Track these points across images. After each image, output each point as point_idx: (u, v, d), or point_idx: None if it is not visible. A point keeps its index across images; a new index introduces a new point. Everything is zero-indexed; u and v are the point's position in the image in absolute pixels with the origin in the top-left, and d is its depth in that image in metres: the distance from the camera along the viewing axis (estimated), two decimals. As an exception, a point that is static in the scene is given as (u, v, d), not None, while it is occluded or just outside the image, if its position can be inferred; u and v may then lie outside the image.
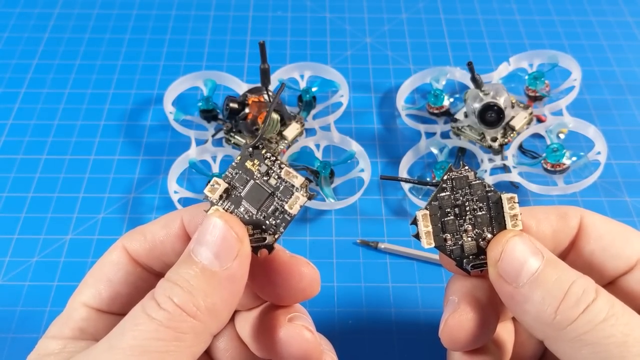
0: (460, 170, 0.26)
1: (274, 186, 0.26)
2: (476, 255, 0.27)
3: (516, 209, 0.26)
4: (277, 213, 0.26)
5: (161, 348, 0.22)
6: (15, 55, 0.55)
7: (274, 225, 0.26)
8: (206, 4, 0.61)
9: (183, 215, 0.27)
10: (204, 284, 0.23)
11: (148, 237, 0.27)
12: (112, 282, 0.26)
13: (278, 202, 0.26)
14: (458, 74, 0.51)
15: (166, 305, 0.22)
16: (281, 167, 0.26)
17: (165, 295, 0.22)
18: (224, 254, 0.24)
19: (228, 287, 0.24)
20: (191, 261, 0.23)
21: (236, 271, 0.24)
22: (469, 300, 0.26)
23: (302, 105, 0.48)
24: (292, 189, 0.26)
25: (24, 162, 0.47)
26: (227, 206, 0.26)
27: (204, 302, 0.23)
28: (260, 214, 0.26)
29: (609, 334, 0.22)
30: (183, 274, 0.23)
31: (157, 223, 0.27)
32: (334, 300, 0.39)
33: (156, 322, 0.22)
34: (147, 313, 0.22)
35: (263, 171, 0.26)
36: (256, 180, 0.26)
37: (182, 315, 0.22)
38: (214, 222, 0.24)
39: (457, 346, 0.27)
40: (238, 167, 0.26)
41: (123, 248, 0.27)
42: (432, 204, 0.26)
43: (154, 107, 0.51)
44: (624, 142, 0.49)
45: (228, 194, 0.26)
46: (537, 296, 0.23)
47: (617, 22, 0.60)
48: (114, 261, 0.27)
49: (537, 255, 0.24)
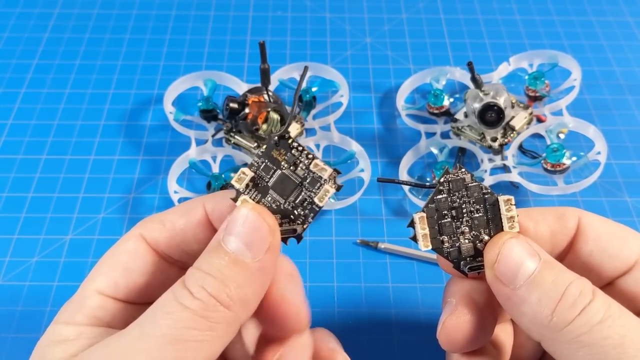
0: (457, 172, 0.26)
1: (301, 176, 0.26)
2: (473, 257, 0.27)
3: (513, 211, 0.26)
4: (305, 203, 0.26)
5: (195, 337, 0.22)
6: (15, 55, 0.55)
7: (303, 215, 0.26)
8: (206, 4, 0.61)
9: (205, 203, 0.27)
10: (237, 274, 0.23)
11: (167, 225, 0.27)
12: (129, 271, 0.26)
13: (306, 192, 0.26)
14: (458, 74, 0.51)
15: (200, 295, 0.22)
16: (309, 158, 0.26)
17: (198, 285, 0.22)
18: (257, 245, 0.24)
19: (259, 278, 0.24)
20: (222, 251, 0.23)
21: (267, 262, 0.24)
22: (467, 302, 0.26)
23: (302, 105, 0.48)
24: (321, 180, 0.26)
25: (24, 162, 0.47)
26: (254, 195, 0.26)
27: (236, 293, 0.23)
28: (287, 204, 0.26)
29: (605, 336, 0.22)
30: (215, 264, 0.23)
31: (176, 211, 0.27)
32: (334, 300, 0.39)
33: (190, 311, 0.22)
34: (180, 302, 0.22)
35: (290, 161, 0.26)
36: (283, 170, 0.26)
37: (216, 305, 0.22)
38: (245, 213, 0.24)
39: (455, 348, 0.27)
40: (264, 157, 0.26)
41: (140, 236, 0.26)
42: (429, 206, 0.26)
43: (154, 107, 0.51)
44: (624, 142, 0.49)
45: (254, 183, 0.26)
46: (534, 298, 0.23)
47: (617, 22, 0.60)
48: (131, 250, 0.26)
49: (534, 257, 0.24)
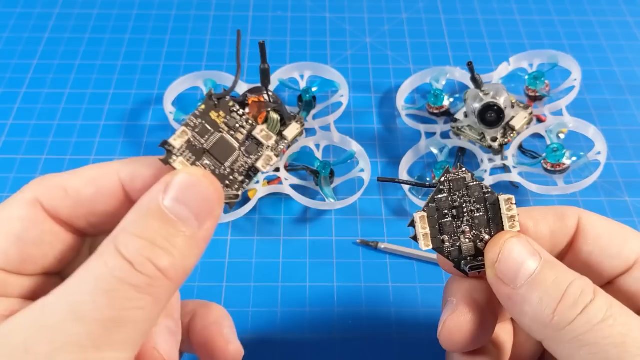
0: (458, 172, 0.26)
1: (240, 141, 0.24)
2: (474, 256, 0.27)
3: (513, 210, 0.26)
4: (242, 169, 0.24)
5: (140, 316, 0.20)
6: (15, 55, 0.55)
7: (240, 181, 0.24)
8: (206, 4, 0.61)
9: (120, 171, 0.24)
10: (183, 243, 0.21)
11: (70, 193, 0.23)
12: (22, 241, 0.23)
13: (245, 158, 0.24)
14: (458, 74, 0.51)
15: (144, 268, 0.20)
16: (249, 123, 0.24)
17: (142, 255, 0.20)
18: (204, 213, 0.22)
19: (202, 247, 0.22)
20: (165, 218, 0.21)
21: (211, 232, 0.23)
22: (467, 301, 0.26)
23: (302, 105, 0.48)
24: (261, 147, 0.24)
25: (24, 162, 0.47)
26: (189, 157, 0.24)
27: (181, 263, 0.21)
28: (223, 169, 0.24)
29: (607, 335, 0.22)
30: (159, 231, 0.21)
31: (81, 176, 0.24)
32: (334, 300, 0.39)
33: (134, 288, 0.20)
34: (118, 276, 0.20)
35: (230, 124, 0.24)
36: (222, 133, 0.24)
37: (162, 279, 0.21)
38: (192, 178, 0.22)
39: (455, 347, 0.27)
40: (202, 117, 0.24)
41: (36, 201, 0.23)
42: (429, 205, 0.26)
43: (154, 107, 0.51)
44: (624, 142, 0.49)
45: (189, 145, 0.24)
46: (535, 297, 0.23)
47: (617, 22, 0.60)
48: (24, 217, 0.23)
49: (535, 256, 0.24)
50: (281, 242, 0.42)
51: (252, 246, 0.42)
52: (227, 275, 0.40)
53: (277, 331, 0.37)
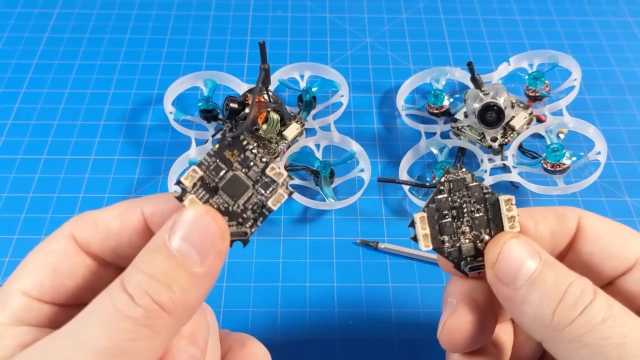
0: (458, 172, 0.26)
1: (253, 179, 0.25)
2: (474, 257, 0.27)
3: (513, 211, 0.26)
4: (256, 207, 0.25)
5: (137, 348, 0.21)
6: (15, 55, 0.55)
7: (252, 219, 0.25)
8: (206, 4, 0.61)
9: (143, 206, 0.25)
10: (184, 279, 0.22)
11: (101, 227, 0.25)
12: (57, 273, 0.24)
13: (257, 196, 0.25)
14: (458, 74, 0.51)
15: (143, 301, 0.21)
16: (263, 162, 0.25)
17: (141, 289, 0.21)
18: (206, 249, 0.22)
19: (205, 283, 0.23)
20: (168, 253, 0.22)
21: (215, 268, 0.23)
22: (467, 302, 0.26)
23: (302, 105, 0.48)
24: (273, 185, 0.25)
25: (24, 162, 0.47)
26: (202, 195, 0.24)
27: (181, 298, 0.21)
28: (236, 207, 0.25)
29: (607, 335, 0.22)
30: (159, 266, 0.22)
31: (111, 212, 0.25)
32: (334, 300, 0.39)
33: (132, 320, 0.20)
34: (118, 308, 0.21)
35: (244, 163, 0.25)
36: (235, 172, 0.25)
37: (160, 312, 0.21)
38: (196, 215, 0.23)
39: (455, 348, 0.27)
40: (215, 156, 0.25)
41: (71, 236, 0.25)
42: (429, 206, 0.26)
43: (154, 107, 0.51)
44: (624, 142, 0.49)
45: (203, 183, 0.24)
46: (535, 298, 0.23)
47: (617, 22, 0.60)
48: (60, 250, 0.24)
49: (535, 256, 0.24)
50: (281, 242, 0.42)
51: (252, 246, 0.42)
52: (227, 275, 0.40)
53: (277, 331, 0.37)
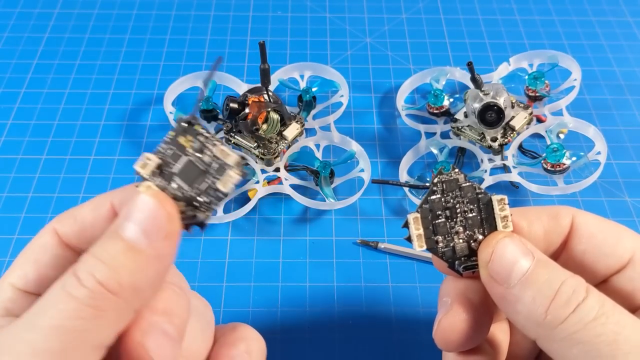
0: (450, 173, 0.27)
1: (207, 163, 0.25)
2: (468, 256, 0.27)
3: (506, 210, 0.26)
4: (210, 190, 0.25)
5: (81, 327, 0.21)
6: (15, 55, 0.55)
7: (207, 202, 0.25)
8: (206, 4, 0.61)
9: (112, 197, 0.26)
10: (129, 261, 0.22)
11: (78, 220, 0.26)
12: (39, 264, 0.25)
13: (211, 179, 0.25)
14: (458, 74, 0.51)
15: (87, 282, 0.21)
16: (215, 145, 0.25)
17: (87, 271, 0.22)
18: (153, 232, 0.23)
19: (154, 266, 0.23)
20: (117, 237, 0.23)
21: (164, 250, 0.23)
22: (462, 301, 0.26)
23: (302, 105, 0.48)
24: (226, 167, 0.25)
25: (24, 162, 0.47)
26: (159, 182, 0.25)
27: (127, 280, 0.22)
28: (192, 191, 0.25)
29: (599, 333, 0.22)
30: (108, 250, 0.22)
31: (88, 205, 0.27)
32: (334, 300, 0.39)
33: (76, 300, 0.21)
34: (66, 290, 0.21)
35: (197, 148, 0.25)
36: (189, 157, 0.25)
37: (104, 292, 0.22)
38: (143, 199, 0.23)
39: (450, 347, 0.27)
40: (171, 143, 0.25)
41: (53, 230, 0.26)
42: (423, 207, 0.26)
43: (154, 107, 0.51)
44: (624, 142, 0.49)
45: (161, 170, 0.25)
46: (528, 296, 0.23)
47: (617, 22, 0.60)
48: (42, 243, 0.26)
49: (528, 255, 0.24)
50: (281, 242, 0.42)
51: (252, 246, 0.42)
52: (227, 275, 0.40)
53: (277, 331, 0.37)
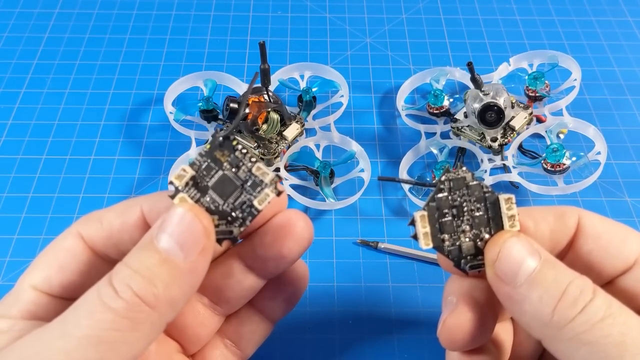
0: (458, 171, 0.26)
1: (242, 179, 0.25)
2: (474, 255, 0.27)
3: (513, 210, 0.26)
4: (245, 206, 0.25)
5: (117, 339, 0.21)
6: (15, 55, 0.55)
7: (241, 218, 0.25)
8: (206, 4, 0.61)
9: (142, 204, 0.26)
10: (166, 274, 0.22)
11: (105, 225, 0.26)
12: (64, 269, 0.25)
13: (246, 195, 0.25)
14: (458, 74, 0.51)
15: (125, 294, 0.22)
16: (252, 161, 0.25)
17: (125, 283, 0.22)
18: (190, 246, 0.23)
19: (189, 279, 0.23)
20: (154, 249, 0.23)
21: (199, 264, 0.23)
22: (467, 300, 0.26)
23: (302, 105, 0.48)
24: (262, 185, 0.25)
25: (24, 162, 0.47)
26: (193, 194, 0.25)
27: (163, 293, 0.22)
28: (226, 205, 0.25)
29: (606, 334, 0.22)
30: (144, 262, 0.22)
31: (114, 210, 0.26)
32: (334, 300, 0.39)
33: (113, 311, 0.21)
34: (103, 301, 0.21)
35: (233, 163, 0.25)
36: (225, 171, 0.25)
37: (141, 305, 0.22)
38: (181, 213, 0.23)
39: (455, 346, 0.27)
40: (207, 156, 0.25)
41: (78, 234, 0.26)
42: (429, 205, 0.26)
43: (154, 107, 0.51)
44: (624, 142, 0.49)
45: (194, 182, 0.25)
46: (535, 296, 0.23)
47: (617, 22, 0.60)
48: (67, 247, 0.26)
49: (535, 255, 0.24)
50: (281, 242, 0.42)
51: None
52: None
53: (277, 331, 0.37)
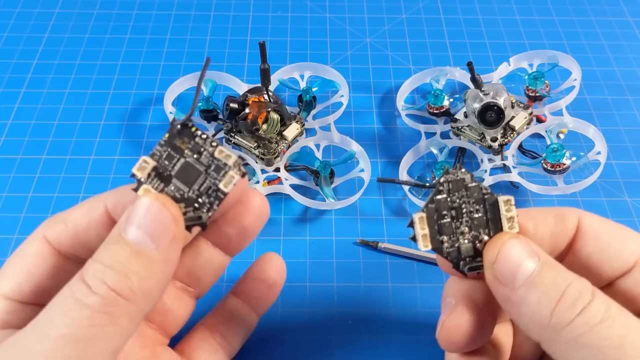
0: (457, 172, 0.26)
1: (205, 164, 0.25)
2: (473, 257, 0.27)
3: (512, 211, 0.26)
4: (210, 191, 0.25)
5: (96, 335, 0.21)
6: (15, 55, 0.55)
7: (208, 203, 0.25)
8: (206, 4, 0.61)
9: (106, 200, 0.26)
10: (139, 266, 0.22)
11: (69, 225, 0.26)
12: (34, 275, 0.25)
13: (211, 180, 0.25)
14: (458, 74, 0.51)
15: (99, 289, 0.21)
16: (213, 146, 0.25)
17: (98, 278, 0.22)
18: (160, 235, 0.23)
19: (162, 269, 0.23)
20: (124, 242, 0.23)
21: (171, 253, 0.23)
22: (466, 301, 0.26)
23: (302, 105, 0.48)
24: (225, 167, 0.25)
25: (24, 162, 0.47)
26: (157, 184, 0.25)
27: (139, 285, 0.22)
28: (191, 192, 0.25)
29: (605, 336, 0.22)
30: (116, 256, 0.22)
31: (78, 209, 0.26)
32: (334, 300, 0.39)
33: (89, 307, 0.21)
34: (77, 298, 0.21)
35: (194, 149, 0.25)
36: (187, 159, 0.25)
37: (117, 298, 0.21)
38: (147, 203, 0.23)
39: (454, 348, 0.27)
40: (166, 145, 0.25)
41: (43, 238, 0.26)
42: (428, 206, 0.26)
43: (154, 107, 0.51)
44: (624, 142, 0.49)
45: (157, 173, 0.25)
46: (533, 298, 0.23)
47: (617, 22, 0.60)
48: (34, 253, 0.25)
49: (533, 257, 0.24)
50: (281, 242, 0.42)
51: (253, 246, 0.42)
52: (227, 276, 0.40)
53: (277, 331, 0.37)
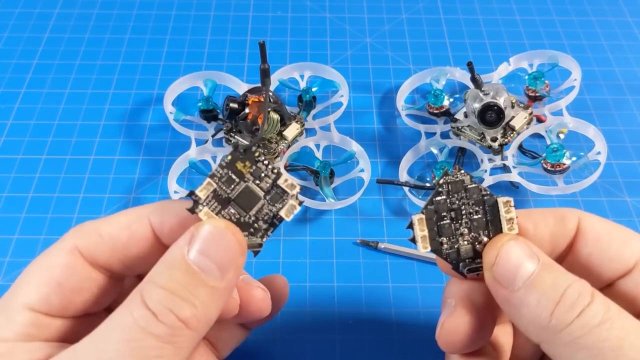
0: (456, 174, 0.26)
1: (265, 190, 0.25)
2: (472, 258, 0.27)
3: (512, 213, 0.26)
4: (267, 217, 0.25)
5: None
6: (15, 55, 0.55)
7: (263, 229, 0.25)
8: (206, 4, 0.61)
9: (150, 216, 0.25)
10: (205, 295, 0.22)
11: (106, 239, 0.25)
12: (64, 288, 0.24)
13: (269, 206, 0.25)
14: (458, 74, 0.51)
15: (166, 319, 0.21)
16: (274, 172, 0.25)
17: (164, 306, 0.21)
18: (226, 264, 0.23)
19: (225, 297, 0.23)
20: (188, 269, 0.22)
21: (233, 282, 0.23)
22: (466, 303, 0.26)
23: (302, 105, 0.48)
24: (285, 195, 0.25)
25: (24, 162, 0.47)
26: (214, 207, 0.25)
27: (203, 314, 0.22)
28: (247, 217, 0.25)
29: (604, 338, 0.22)
30: (181, 282, 0.22)
31: (115, 222, 0.25)
32: (334, 300, 0.39)
33: (156, 337, 0.21)
34: (141, 325, 0.21)
35: (255, 174, 0.25)
36: (247, 183, 0.25)
37: (183, 328, 0.21)
38: (215, 230, 0.23)
39: (453, 349, 0.27)
40: (227, 168, 0.25)
41: (75, 249, 0.25)
42: (428, 208, 0.26)
43: (154, 107, 0.51)
44: (624, 142, 0.49)
45: (215, 194, 0.25)
46: (533, 300, 0.23)
47: (617, 22, 0.60)
48: (64, 264, 0.24)
49: (533, 258, 0.24)
50: (281, 242, 0.42)
51: (252, 246, 0.42)
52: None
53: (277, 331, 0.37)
